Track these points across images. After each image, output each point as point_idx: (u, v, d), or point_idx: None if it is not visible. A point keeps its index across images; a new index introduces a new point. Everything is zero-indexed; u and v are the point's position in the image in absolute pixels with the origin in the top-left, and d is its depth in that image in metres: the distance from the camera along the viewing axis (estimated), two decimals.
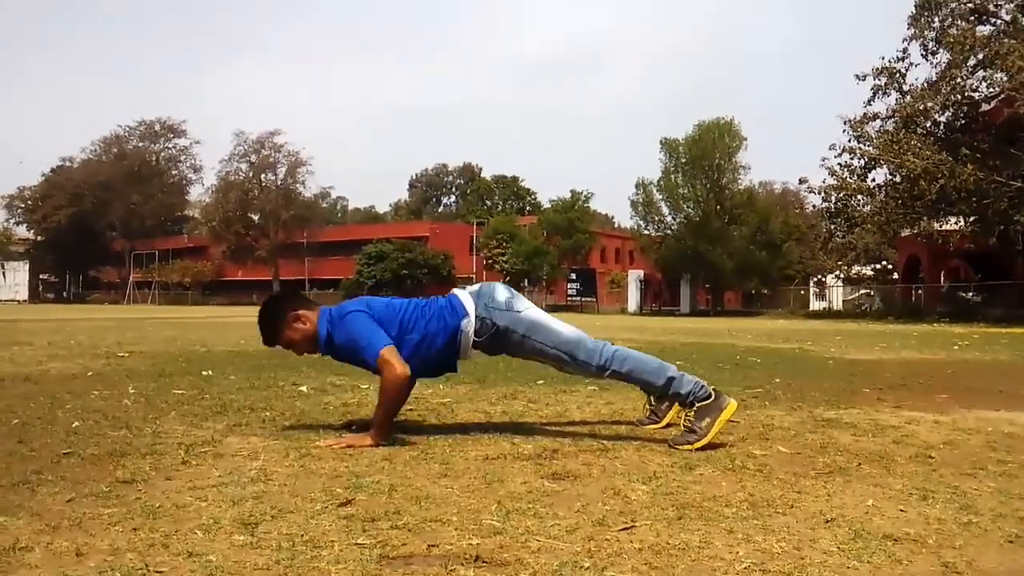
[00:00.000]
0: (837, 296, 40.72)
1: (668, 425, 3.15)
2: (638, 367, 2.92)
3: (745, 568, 1.55)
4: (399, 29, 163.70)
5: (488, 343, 2.97)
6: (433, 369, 3.06)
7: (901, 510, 2.00)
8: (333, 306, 3.05)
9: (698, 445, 2.73)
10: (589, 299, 44.37)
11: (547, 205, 59.07)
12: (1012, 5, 23.61)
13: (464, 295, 3.01)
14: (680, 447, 2.74)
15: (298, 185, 58.28)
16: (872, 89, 25.93)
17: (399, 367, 2.77)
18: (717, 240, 37.51)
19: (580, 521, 1.85)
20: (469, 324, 2.93)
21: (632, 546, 1.67)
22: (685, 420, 2.84)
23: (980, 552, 1.67)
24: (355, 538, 1.69)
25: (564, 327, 2.99)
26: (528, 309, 2.98)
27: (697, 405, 2.81)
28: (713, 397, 2.83)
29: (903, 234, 28.77)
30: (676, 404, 3.05)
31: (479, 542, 1.68)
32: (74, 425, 3.05)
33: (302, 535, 1.71)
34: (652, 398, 3.25)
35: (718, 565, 1.56)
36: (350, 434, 2.90)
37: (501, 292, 3.00)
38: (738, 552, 1.64)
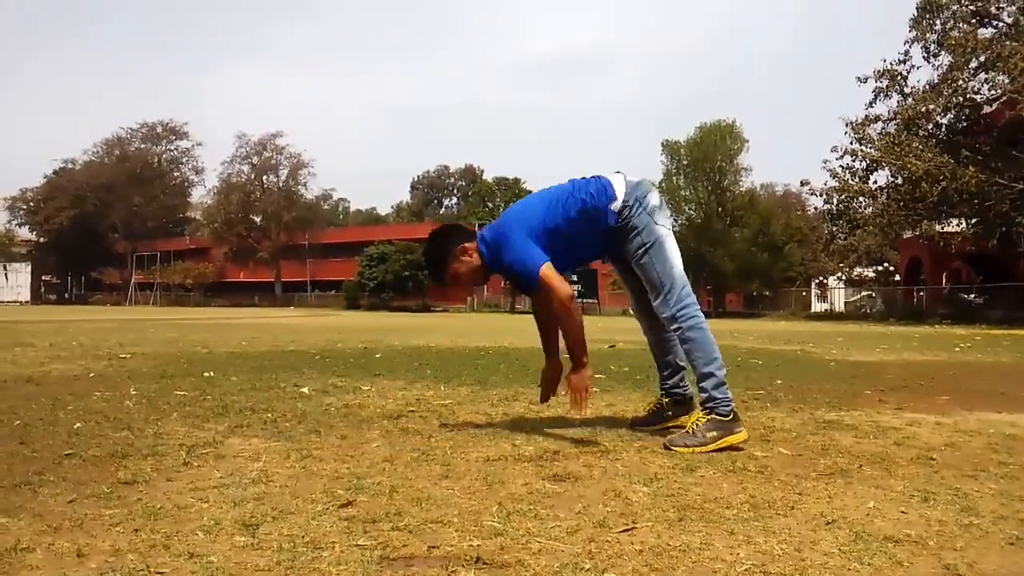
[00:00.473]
0: (839, 298, 40.75)
1: (666, 429, 3.11)
2: (702, 342, 2.90)
3: (746, 570, 1.55)
4: (400, 30, 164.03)
5: (617, 233, 2.95)
6: (583, 255, 3.06)
7: (902, 512, 2.00)
8: (486, 227, 3.07)
9: (693, 451, 2.71)
10: (591, 300, 44.32)
11: None
12: (1014, 8, 23.63)
13: (618, 180, 2.98)
14: (676, 447, 2.73)
15: (300, 187, 58.36)
16: (874, 91, 25.99)
17: (562, 287, 2.79)
18: (719, 242, 37.51)
19: (581, 522, 1.85)
20: (615, 207, 2.91)
21: (633, 547, 1.67)
22: (693, 423, 2.83)
23: (981, 554, 1.67)
24: (356, 539, 1.69)
25: (678, 264, 2.97)
26: (663, 227, 2.97)
27: (714, 415, 2.80)
28: (731, 418, 2.81)
29: (905, 236, 28.78)
30: (686, 411, 3.07)
31: (480, 543, 1.68)
32: (76, 426, 3.05)
33: (303, 536, 1.71)
34: (664, 398, 3.22)
35: (719, 567, 1.56)
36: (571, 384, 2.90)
37: (654, 197, 2.99)
38: (739, 553, 1.64)
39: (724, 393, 2.84)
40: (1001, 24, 24.11)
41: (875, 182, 25.96)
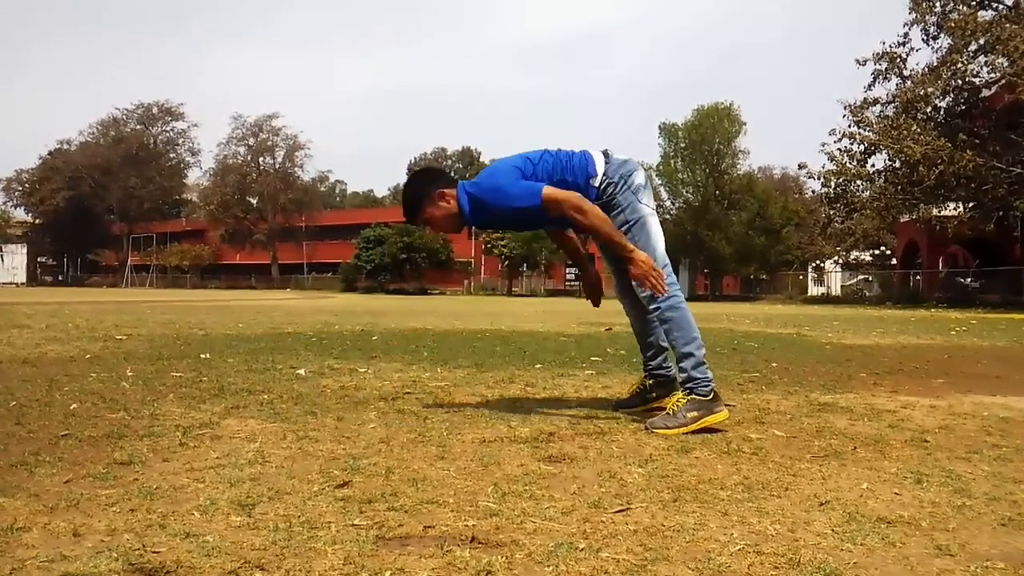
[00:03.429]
0: (835, 281, 40.79)
1: (650, 410, 3.13)
2: (679, 323, 2.89)
3: (739, 550, 1.55)
4: (398, 12, 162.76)
5: (601, 208, 2.92)
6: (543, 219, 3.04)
7: (896, 493, 2.01)
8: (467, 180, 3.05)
9: (673, 432, 2.71)
10: None
11: None
12: None
13: (598, 156, 2.98)
14: (656, 429, 2.74)
15: (296, 169, 58.25)
16: (872, 74, 25.89)
17: (567, 195, 2.77)
18: (716, 225, 37.52)
19: (576, 503, 1.86)
20: (595, 183, 2.92)
21: (627, 528, 1.68)
22: (674, 404, 2.84)
23: (973, 535, 1.68)
24: (352, 519, 1.70)
25: (660, 246, 2.95)
26: (647, 206, 2.96)
27: (694, 395, 2.81)
28: (711, 397, 2.81)
29: (902, 220, 28.81)
30: (668, 392, 3.06)
31: (475, 523, 1.68)
32: (72, 407, 3.05)
33: (299, 516, 1.71)
34: (647, 380, 3.23)
35: (712, 547, 1.57)
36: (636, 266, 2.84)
37: (639, 176, 2.98)
38: (732, 534, 1.65)
39: (704, 373, 2.84)
40: (1001, 6, 24.00)
41: (873, 165, 25.97)
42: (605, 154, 3.01)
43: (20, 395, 3.34)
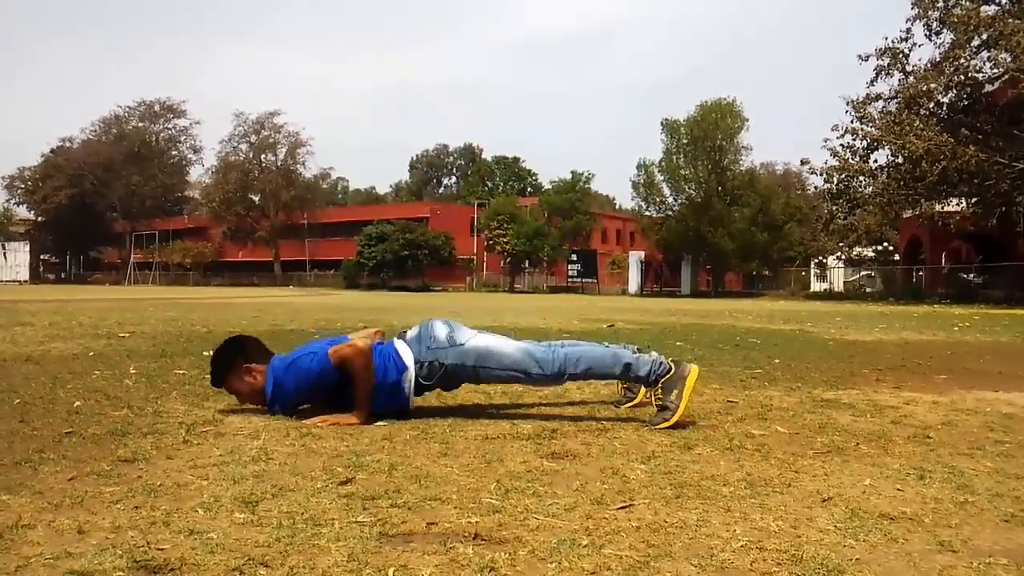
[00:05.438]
0: (838, 277, 40.76)
1: (641, 404, 3.15)
2: (594, 364, 2.90)
3: (742, 546, 1.56)
4: (400, 9, 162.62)
5: (441, 382, 2.94)
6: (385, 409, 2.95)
7: (898, 489, 2.01)
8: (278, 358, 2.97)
9: (674, 419, 2.75)
10: (590, 280, 44.40)
11: (548, 186, 58.91)
12: None
13: (402, 346, 2.94)
14: (658, 427, 2.75)
15: (298, 166, 58.10)
16: (875, 69, 25.77)
17: (351, 346, 2.78)
18: (718, 221, 37.46)
19: (578, 500, 1.86)
20: (409, 377, 2.88)
21: (630, 524, 1.68)
22: (655, 399, 2.85)
23: (976, 531, 1.68)
24: (355, 516, 1.70)
25: (510, 345, 2.93)
26: (472, 338, 2.92)
27: (661, 381, 2.83)
28: (673, 368, 2.84)
29: (904, 215, 28.72)
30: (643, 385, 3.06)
31: (478, 520, 1.69)
32: (75, 405, 3.06)
33: (302, 513, 1.72)
34: (624, 383, 3.24)
35: (715, 543, 1.57)
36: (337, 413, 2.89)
37: (440, 329, 2.93)
38: (735, 530, 1.65)
39: (647, 361, 2.87)
40: (1004, 1, 23.89)
41: (875, 161, 25.87)
42: (402, 337, 2.99)
43: (24, 393, 3.34)
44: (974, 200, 24.02)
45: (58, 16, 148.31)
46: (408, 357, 2.91)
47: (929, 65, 24.73)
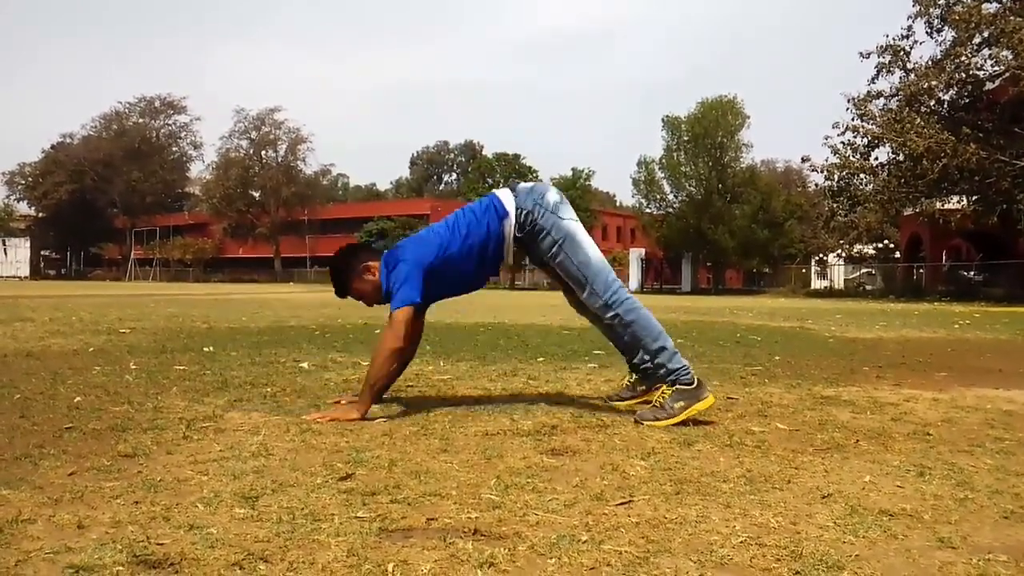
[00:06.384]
0: (838, 275, 40.72)
1: (644, 404, 3.12)
2: (642, 323, 2.92)
3: (741, 542, 1.56)
4: (401, 6, 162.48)
5: (527, 240, 2.97)
6: (472, 280, 3.10)
7: (898, 486, 2.01)
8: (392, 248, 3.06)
9: (662, 424, 2.73)
10: None
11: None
12: None
13: (506, 194, 3.00)
14: (645, 422, 2.75)
15: (299, 162, 58.08)
16: (876, 67, 25.75)
17: (396, 335, 2.80)
18: (719, 218, 37.44)
19: (578, 496, 1.86)
20: (510, 225, 2.94)
21: (630, 520, 1.68)
22: (659, 396, 2.84)
23: (975, 528, 1.69)
24: (355, 512, 1.70)
25: (594, 253, 2.98)
26: (571, 220, 2.98)
27: (678, 386, 2.82)
28: (695, 385, 2.83)
29: (905, 213, 28.69)
30: (655, 384, 3.02)
31: (478, 516, 1.69)
32: (76, 400, 3.06)
33: (302, 508, 1.72)
34: (633, 375, 3.22)
35: (714, 539, 1.57)
36: (337, 406, 2.92)
37: (552, 195, 2.99)
38: (735, 526, 1.65)
39: (680, 362, 2.87)
40: None
41: (876, 159, 25.85)
42: (512, 188, 3.03)
43: (24, 388, 3.35)
44: (975, 198, 24.00)
45: (59, 15, 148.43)
46: (510, 204, 2.95)
47: (930, 63, 24.70)
